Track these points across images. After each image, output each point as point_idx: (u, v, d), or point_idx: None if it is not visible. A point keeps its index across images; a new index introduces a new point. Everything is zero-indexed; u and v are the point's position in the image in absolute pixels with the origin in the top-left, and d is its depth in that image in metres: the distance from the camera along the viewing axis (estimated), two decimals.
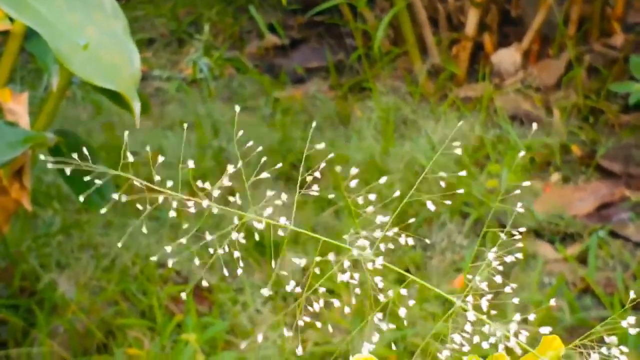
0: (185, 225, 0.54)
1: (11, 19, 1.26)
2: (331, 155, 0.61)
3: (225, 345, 1.54)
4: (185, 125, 0.66)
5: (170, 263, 0.57)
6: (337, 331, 1.54)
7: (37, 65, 1.64)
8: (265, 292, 0.52)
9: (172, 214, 0.51)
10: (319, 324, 0.54)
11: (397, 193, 0.56)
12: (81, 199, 0.62)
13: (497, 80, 2.32)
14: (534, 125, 0.59)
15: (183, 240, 0.52)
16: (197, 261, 0.58)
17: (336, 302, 0.54)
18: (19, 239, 1.72)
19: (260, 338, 1.37)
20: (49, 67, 1.33)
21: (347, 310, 0.54)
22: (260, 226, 0.51)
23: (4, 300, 1.61)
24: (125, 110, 1.25)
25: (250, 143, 0.56)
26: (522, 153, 0.63)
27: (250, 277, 1.66)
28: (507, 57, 2.36)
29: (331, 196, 1.75)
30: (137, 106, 1.07)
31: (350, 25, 2.41)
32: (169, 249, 0.53)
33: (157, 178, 0.51)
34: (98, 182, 0.52)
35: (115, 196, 0.52)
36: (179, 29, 2.62)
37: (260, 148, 0.57)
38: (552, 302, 0.53)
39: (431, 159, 1.84)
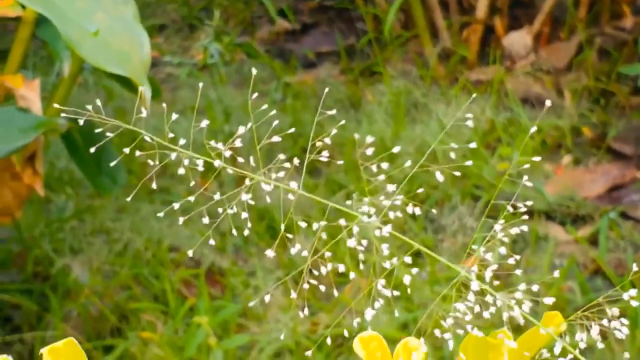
0: (192, 183, 0.54)
1: (23, 6, 1.27)
2: (342, 122, 0.61)
3: (238, 328, 1.56)
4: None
5: (189, 253, 0.58)
6: (349, 314, 1.55)
7: (49, 52, 1.65)
8: (270, 253, 0.52)
9: (181, 171, 0.52)
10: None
11: (409, 162, 0.57)
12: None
13: (508, 63, 2.32)
14: (547, 104, 0.59)
15: (191, 199, 0.53)
16: (211, 242, 0.59)
17: (343, 268, 0.54)
18: (32, 224, 1.73)
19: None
20: (60, 53, 1.34)
21: (351, 275, 0.54)
22: (269, 188, 0.52)
23: (18, 285, 1.62)
24: (136, 95, 1.26)
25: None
26: (533, 129, 0.64)
27: (261, 261, 1.67)
28: (518, 40, 2.36)
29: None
30: (147, 91, 1.07)
31: (361, 10, 2.41)
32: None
33: (170, 135, 0.52)
34: (109, 134, 0.52)
35: (126, 150, 0.53)
36: (190, 14, 2.63)
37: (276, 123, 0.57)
38: (556, 273, 0.54)
39: (442, 142, 1.84)
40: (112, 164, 1.43)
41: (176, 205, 0.53)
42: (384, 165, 0.55)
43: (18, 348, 1.52)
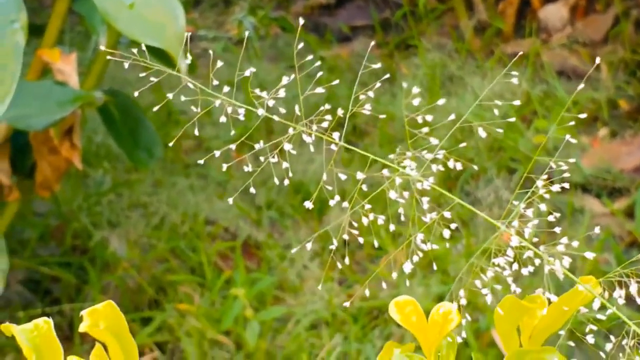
0: (232, 132, 0.55)
1: None
2: (387, 75, 0.61)
3: (274, 300, 1.57)
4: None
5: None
6: (384, 286, 1.55)
7: (86, 27, 1.66)
8: (308, 204, 0.53)
9: (223, 119, 0.52)
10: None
11: (452, 116, 0.57)
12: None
13: (544, 35, 2.30)
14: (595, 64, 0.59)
15: (232, 147, 0.53)
16: (252, 190, 0.59)
17: (381, 220, 0.54)
18: (70, 198, 1.75)
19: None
20: (96, 27, 1.35)
21: (391, 227, 0.55)
22: (310, 139, 0.52)
23: (57, 258, 1.64)
24: (172, 69, 1.27)
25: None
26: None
27: (297, 234, 1.68)
28: (554, 13, 2.34)
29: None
30: (182, 63, 1.08)
31: None
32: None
33: (215, 82, 0.52)
34: (153, 79, 0.53)
35: (170, 96, 0.53)
36: None
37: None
38: (597, 230, 0.54)
39: (478, 114, 1.84)
40: (148, 138, 1.44)
41: (217, 153, 0.53)
42: (429, 118, 0.55)
43: (57, 320, 1.54)
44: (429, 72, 2.10)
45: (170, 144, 0.65)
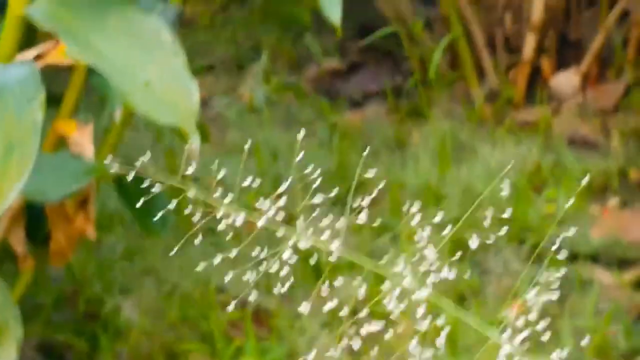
0: (228, 237, 0.56)
1: None
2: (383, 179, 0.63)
3: None
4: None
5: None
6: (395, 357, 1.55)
7: (101, 97, 1.69)
8: (319, 312, 0.54)
9: (222, 226, 0.54)
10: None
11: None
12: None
13: (555, 103, 2.32)
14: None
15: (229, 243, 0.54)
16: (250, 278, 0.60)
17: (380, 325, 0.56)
18: (83, 264, 1.76)
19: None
20: (112, 101, 1.37)
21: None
22: (307, 245, 0.54)
23: (70, 325, 1.65)
24: (185, 140, 1.29)
25: (310, 168, 0.57)
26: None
27: (308, 302, 1.69)
28: (565, 81, 2.36)
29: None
30: (195, 139, 1.10)
31: (407, 51, 2.42)
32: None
33: (216, 193, 0.54)
34: (155, 190, 0.55)
35: (171, 206, 0.55)
36: (239, 54, 2.66)
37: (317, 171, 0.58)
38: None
39: (488, 184, 1.85)
40: (161, 206, 1.45)
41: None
42: (428, 229, 0.56)
43: None
44: (439, 140, 2.12)
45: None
